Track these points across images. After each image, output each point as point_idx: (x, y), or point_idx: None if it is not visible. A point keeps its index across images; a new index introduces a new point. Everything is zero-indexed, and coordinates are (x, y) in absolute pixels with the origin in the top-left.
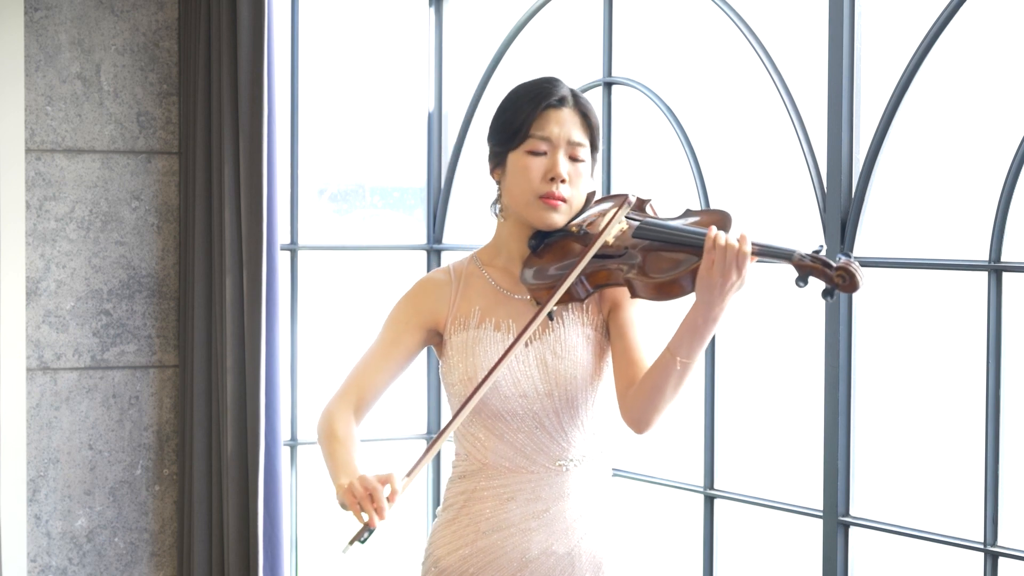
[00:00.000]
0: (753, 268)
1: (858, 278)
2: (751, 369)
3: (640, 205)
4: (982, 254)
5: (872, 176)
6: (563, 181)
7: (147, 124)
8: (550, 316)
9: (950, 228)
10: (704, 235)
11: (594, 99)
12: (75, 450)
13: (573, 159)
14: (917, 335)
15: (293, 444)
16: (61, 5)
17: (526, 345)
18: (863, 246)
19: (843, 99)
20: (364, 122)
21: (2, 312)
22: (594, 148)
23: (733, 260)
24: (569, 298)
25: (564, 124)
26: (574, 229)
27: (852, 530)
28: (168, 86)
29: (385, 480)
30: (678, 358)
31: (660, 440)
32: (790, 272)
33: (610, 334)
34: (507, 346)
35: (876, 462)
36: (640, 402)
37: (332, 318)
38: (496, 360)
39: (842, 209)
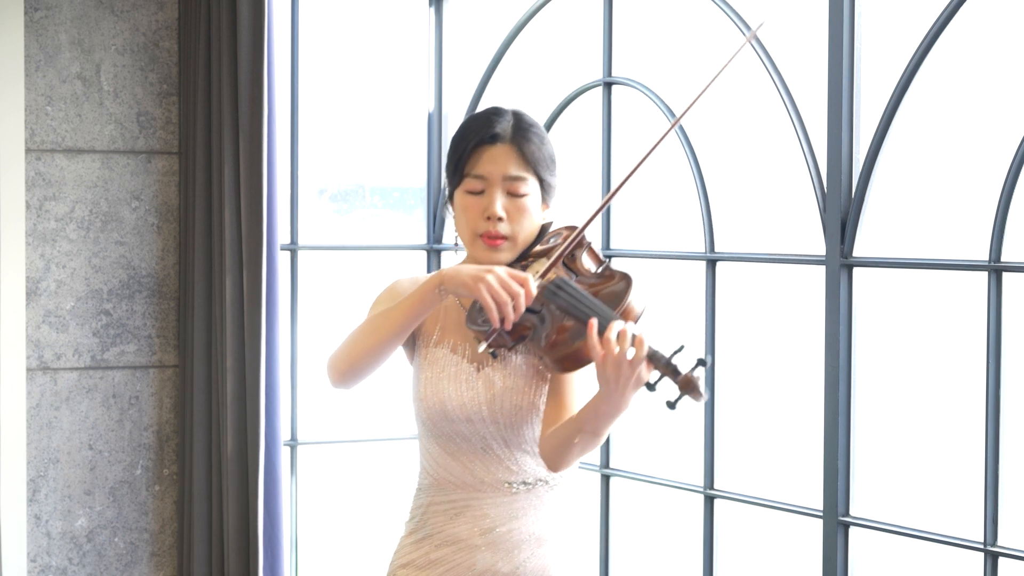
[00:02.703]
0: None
1: (699, 393)
2: (751, 369)
3: (578, 247)
4: (982, 254)
5: (872, 176)
6: (500, 219)
7: (147, 124)
8: (493, 355)
9: (950, 228)
10: (602, 316)
11: (594, 99)
12: (75, 450)
13: (514, 194)
14: (917, 335)
15: (293, 444)
16: (61, 5)
17: (477, 370)
18: (863, 246)
19: (843, 99)
20: (364, 122)
21: (2, 312)
22: (541, 179)
23: (626, 365)
24: (500, 343)
25: (498, 161)
26: (518, 267)
27: (852, 530)
28: (168, 86)
29: (522, 282)
30: (582, 432)
31: (660, 440)
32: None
33: None
34: (456, 370)
35: (876, 462)
36: (550, 448)
37: (332, 318)
38: (439, 387)
39: (842, 209)
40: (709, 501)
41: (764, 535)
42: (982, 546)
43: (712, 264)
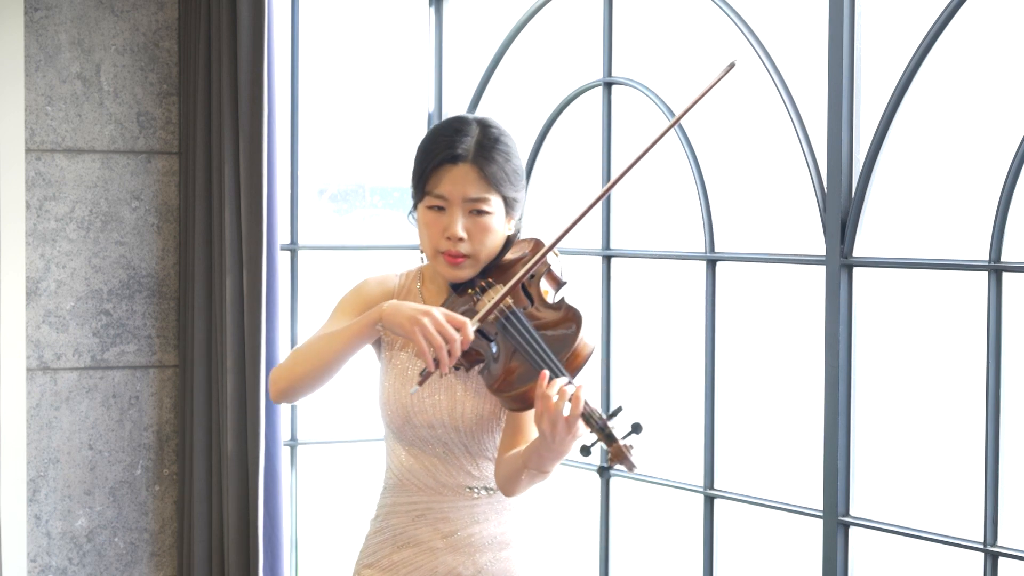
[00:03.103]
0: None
1: (629, 464)
2: (751, 369)
3: (535, 249)
4: (982, 254)
5: (872, 176)
6: (461, 240)
7: (147, 124)
8: (456, 367)
9: (950, 228)
10: (545, 363)
11: (594, 99)
12: (75, 450)
13: (477, 212)
14: (917, 335)
15: (293, 444)
16: (61, 5)
17: (440, 376)
18: (863, 246)
19: (843, 99)
20: (364, 122)
21: (2, 312)
22: (504, 197)
23: (562, 423)
24: (458, 365)
25: (458, 182)
26: (474, 291)
27: (852, 530)
28: (168, 86)
29: (459, 326)
30: (527, 468)
31: (660, 440)
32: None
33: None
34: (418, 375)
35: (876, 462)
36: (501, 476)
37: None
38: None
39: (842, 209)
40: (709, 501)
41: (764, 535)
42: (982, 546)
43: (712, 264)
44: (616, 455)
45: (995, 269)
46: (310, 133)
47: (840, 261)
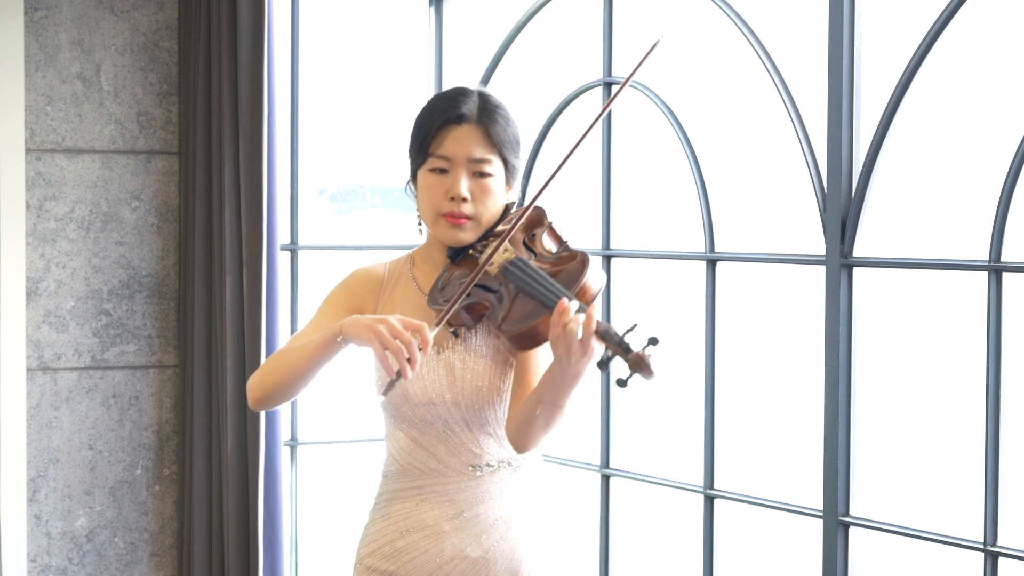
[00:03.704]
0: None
1: (649, 372)
2: (751, 369)
3: (538, 225)
4: (982, 254)
5: (872, 176)
6: (464, 200)
7: (147, 124)
8: (454, 334)
9: (950, 228)
10: (554, 295)
11: (594, 99)
12: (75, 450)
13: (479, 175)
14: (917, 335)
15: (293, 444)
16: (61, 5)
17: (438, 353)
18: (863, 246)
19: (843, 99)
20: (364, 122)
21: (2, 312)
22: (505, 161)
23: (576, 343)
24: (460, 323)
25: (462, 142)
26: (475, 251)
27: (852, 530)
28: (168, 86)
29: (416, 330)
30: (542, 403)
31: (660, 440)
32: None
33: None
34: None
35: (876, 462)
36: (515, 427)
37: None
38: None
39: (842, 209)
40: (709, 501)
41: (764, 535)
42: (982, 546)
43: (712, 264)
44: (636, 362)
45: (995, 269)
46: (310, 133)
47: (840, 261)
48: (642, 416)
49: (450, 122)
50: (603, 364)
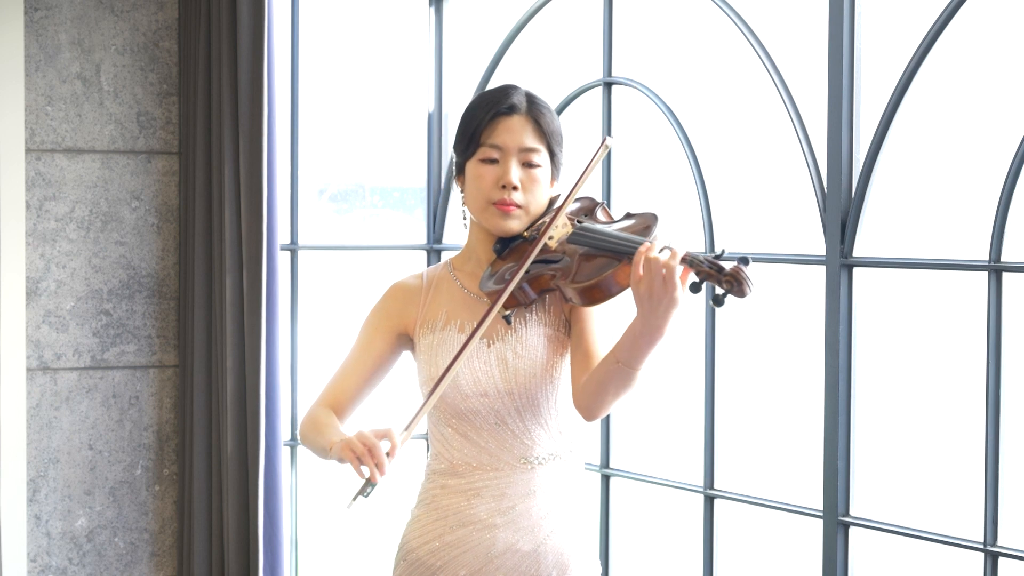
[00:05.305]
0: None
1: (747, 286)
2: (751, 369)
3: (591, 208)
4: (982, 254)
5: (872, 176)
6: (515, 188)
7: (147, 124)
8: (507, 319)
9: (950, 228)
10: (631, 243)
11: (594, 99)
12: (75, 450)
13: (528, 165)
14: (917, 335)
15: (293, 444)
16: (61, 5)
17: (488, 345)
18: (863, 246)
19: (843, 99)
20: (364, 122)
21: (2, 312)
22: (552, 153)
23: (660, 278)
24: (517, 302)
25: (514, 131)
26: (527, 235)
27: (852, 530)
28: (168, 86)
29: (383, 435)
30: (619, 363)
31: (660, 440)
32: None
33: (570, 326)
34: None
35: (876, 462)
36: (587, 394)
37: (332, 318)
38: (451, 360)
39: (842, 209)
40: (709, 501)
41: (764, 535)
42: (982, 546)
43: None
44: (732, 277)
45: (995, 269)
46: (310, 133)
47: (840, 261)
48: (642, 416)
49: (501, 113)
50: (695, 287)
